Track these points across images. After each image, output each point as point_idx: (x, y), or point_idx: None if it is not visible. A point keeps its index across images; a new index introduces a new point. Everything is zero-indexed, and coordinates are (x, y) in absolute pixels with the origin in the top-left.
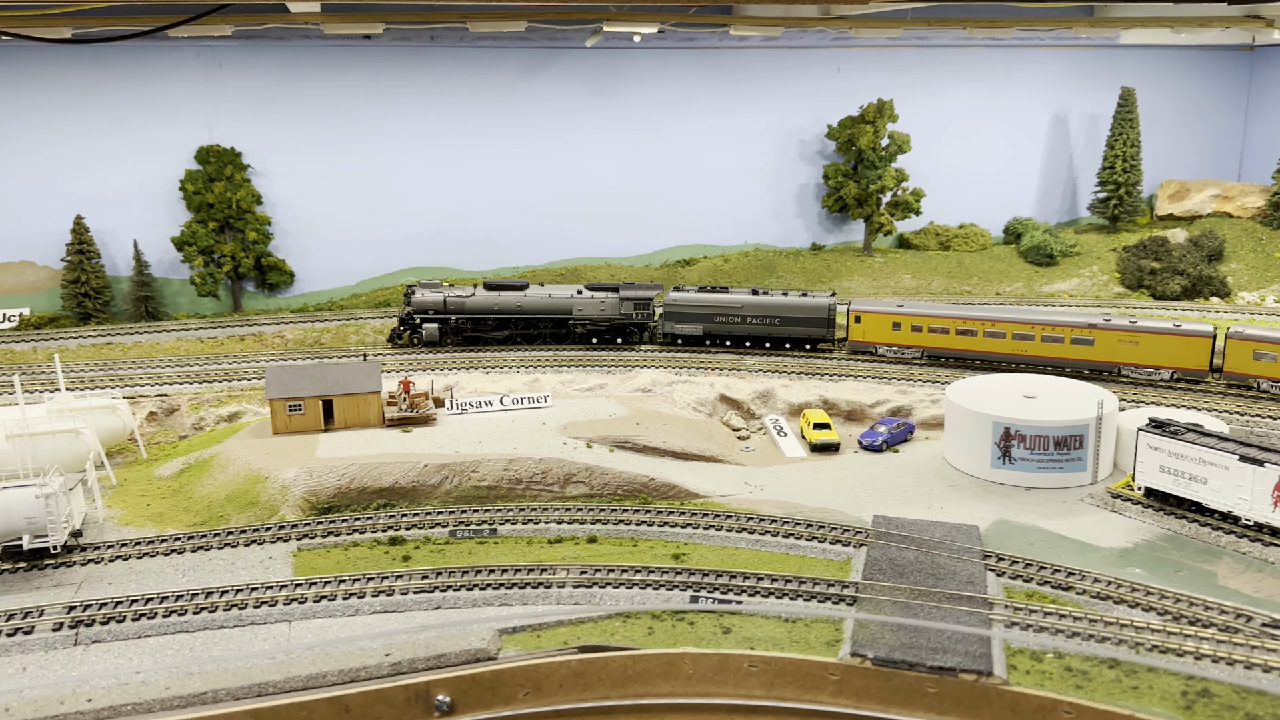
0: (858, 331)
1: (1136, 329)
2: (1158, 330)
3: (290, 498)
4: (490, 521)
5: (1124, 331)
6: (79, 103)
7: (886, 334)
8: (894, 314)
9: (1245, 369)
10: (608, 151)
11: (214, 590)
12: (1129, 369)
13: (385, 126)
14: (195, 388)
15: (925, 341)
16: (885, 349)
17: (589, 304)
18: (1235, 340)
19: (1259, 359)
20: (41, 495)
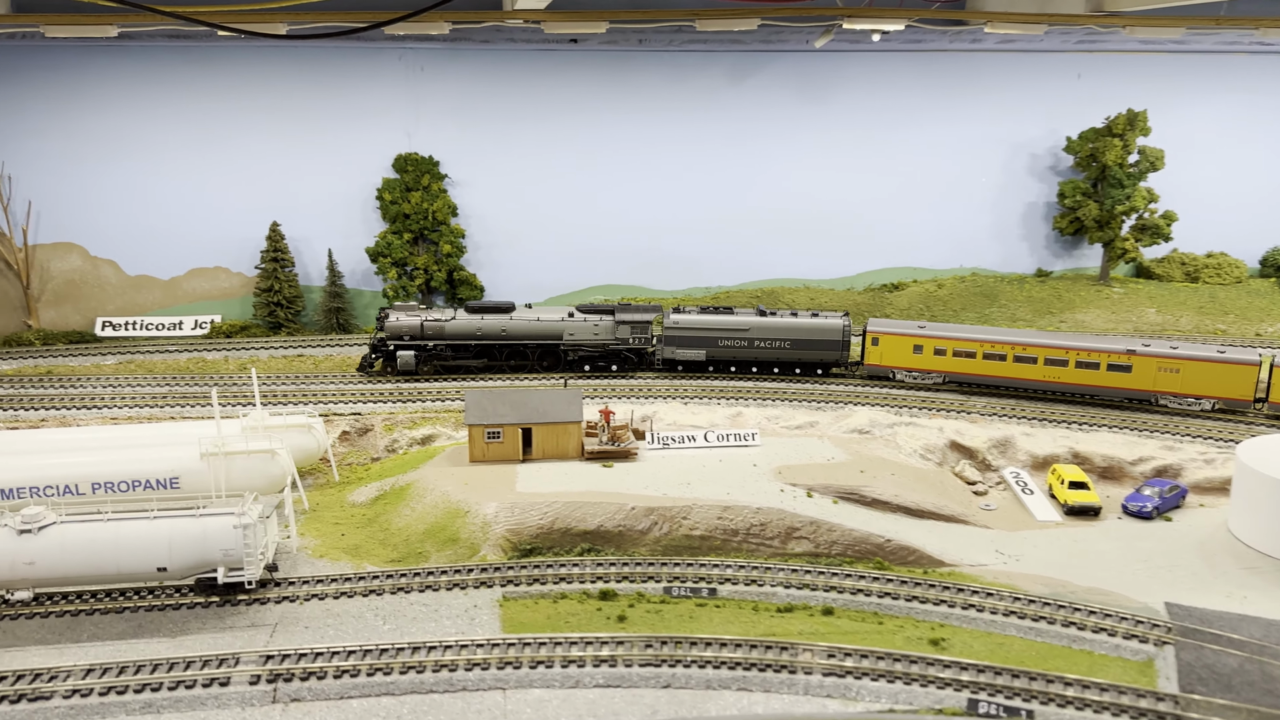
0: (874, 355)
1: (1179, 355)
2: (1202, 358)
3: (491, 536)
4: (708, 579)
5: (1165, 358)
6: (281, 106)
7: (906, 358)
8: (915, 336)
9: None
10: (812, 164)
11: (420, 646)
12: (1167, 398)
13: (583, 136)
14: (389, 407)
15: (949, 366)
16: (904, 374)
17: (582, 328)
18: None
19: None
20: (240, 526)
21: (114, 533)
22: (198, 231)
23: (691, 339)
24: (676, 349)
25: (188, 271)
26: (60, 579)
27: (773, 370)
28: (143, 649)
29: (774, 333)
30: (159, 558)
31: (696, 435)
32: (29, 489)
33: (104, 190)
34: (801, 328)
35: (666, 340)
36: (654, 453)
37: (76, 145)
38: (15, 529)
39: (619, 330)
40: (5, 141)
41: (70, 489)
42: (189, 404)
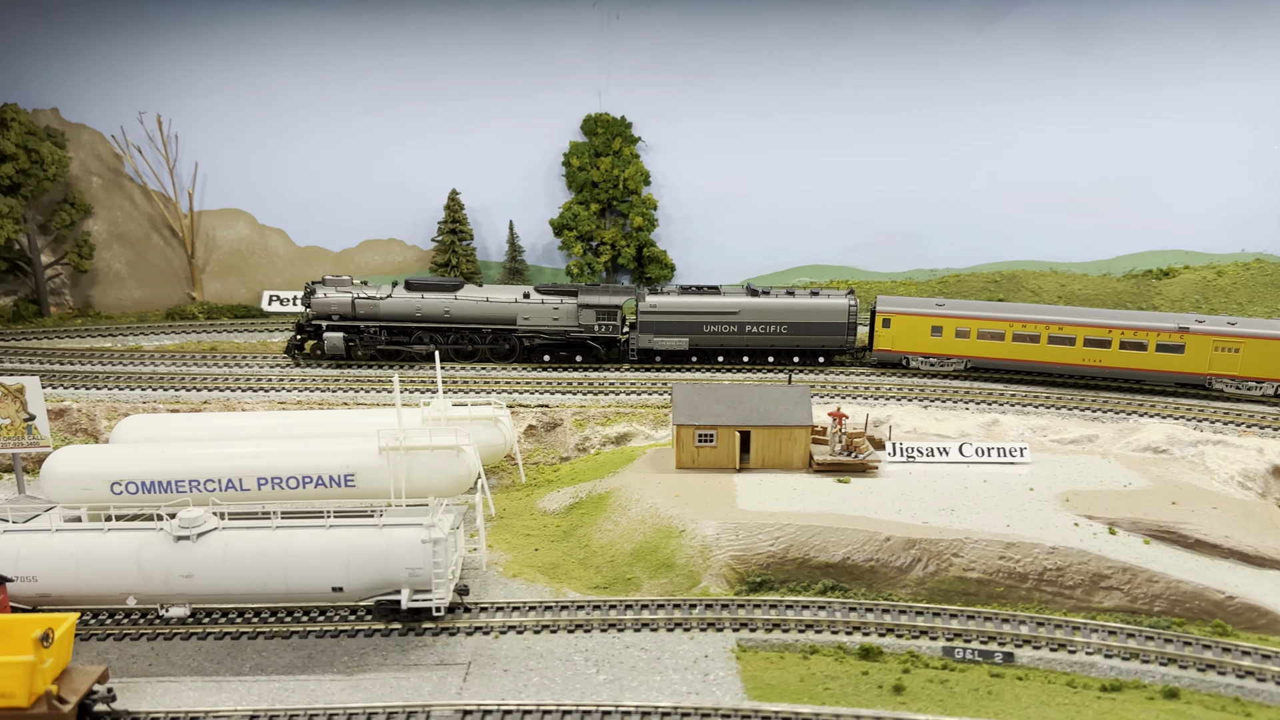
0: (885, 339)
1: (1238, 334)
2: (1266, 335)
3: (713, 563)
4: (1001, 638)
5: (1222, 336)
6: (462, 62)
7: (924, 341)
8: (934, 316)
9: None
10: (1066, 127)
11: (651, 712)
12: (1224, 381)
13: (794, 95)
14: (579, 399)
15: (973, 350)
16: (921, 360)
17: (539, 311)
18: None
19: None
20: (429, 540)
21: (284, 544)
22: (371, 200)
23: (671, 325)
24: (654, 336)
25: (360, 244)
26: (221, 595)
27: (767, 360)
28: (313, 689)
29: (768, 315)
30: (335, 576)
31: (949, 448)
32: (187, 481)
33: (273, 154)
34: (800, 309)
35: (642, 327)
36: (896, 466)
37: (245, 104)
38: (172, 535)
39: (582, 315)
40: (171, 98)
41: (233, 484)
42: (362, 388)
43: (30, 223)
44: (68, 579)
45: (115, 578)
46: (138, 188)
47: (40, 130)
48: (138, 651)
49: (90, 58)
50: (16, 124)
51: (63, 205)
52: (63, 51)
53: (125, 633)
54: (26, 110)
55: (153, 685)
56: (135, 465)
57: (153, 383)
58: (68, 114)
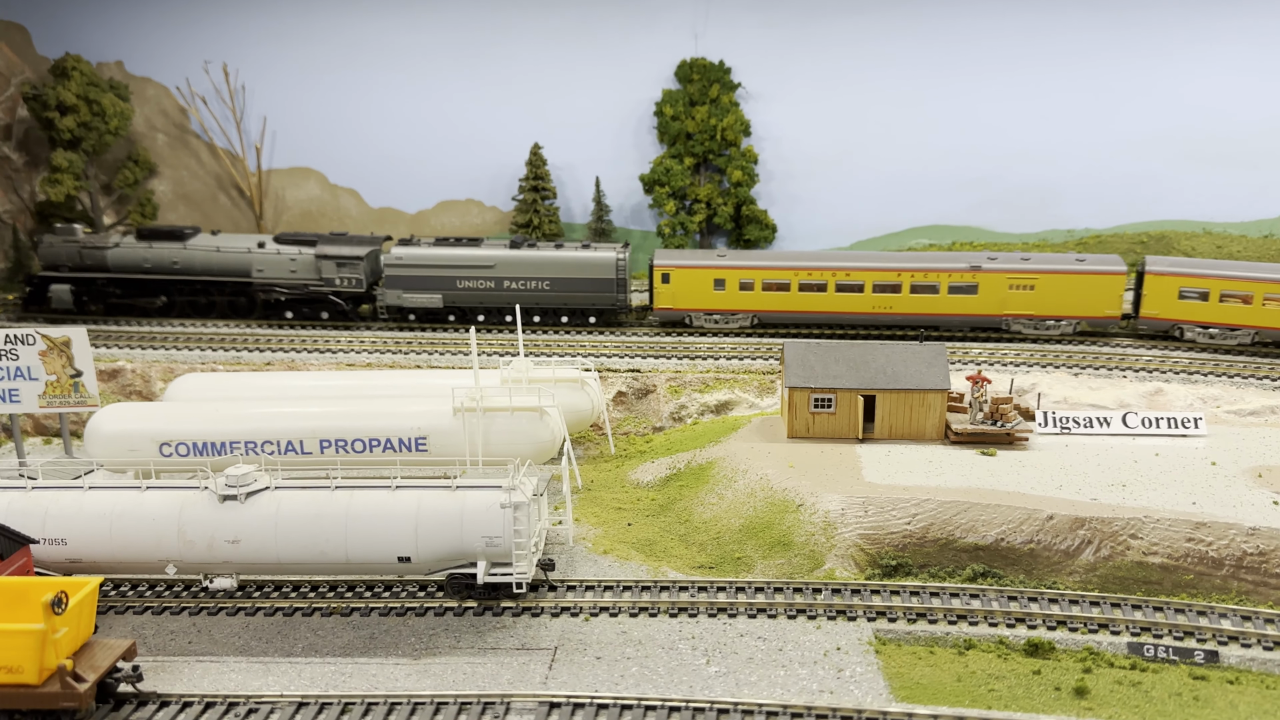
0: (666, 296)
1: (1032, 270)
2: (1059, 270)
3: (838, 543)
4: (1199, 633)
5: (1017, 273)
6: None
7: (706, 297)
8: (716, 268)
9: (1168, 313)
10: (1227, 66)
11: (777, 710)
12: (1021, 321)
13: (913, 34)
14: (674, 364)
15: (758, 304)
16: (705, 317)
17: (274, 263)
18: (1155, 277)
19: (1184, 299)
20: (508, 505)
21: (344, 506)
22: (449, 158)
23: (421, 280)
24: (403, 292)
25: (436, 205)
26: (272, 564)
27: (532, 319)
28: (374, 674)
29: (528, 270)
30: (401, 543)
31: (1109, 418)
32: (243, 443)
33: (346, 107)
34: (563, 263)
35: (389, 281)
36: (1049, 438)
37: (316, 52)
38: (217, 494)
39: (321, 267)
40: (238, 45)
41: (293, 446)
42: (437, 350)
43: (93, 180)
44: (100, 542)
45: (153, 542)
46: (204, 145)
47: (102, 81)
48: (178, 627)
49: (156, 5)
50: (77, 73)
51: (126, 163)
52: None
53: (165, 606)
54: (90, 63)
55: (191, 665)
56: (186, 424)
57: (213, 343)
58: (132, 67)
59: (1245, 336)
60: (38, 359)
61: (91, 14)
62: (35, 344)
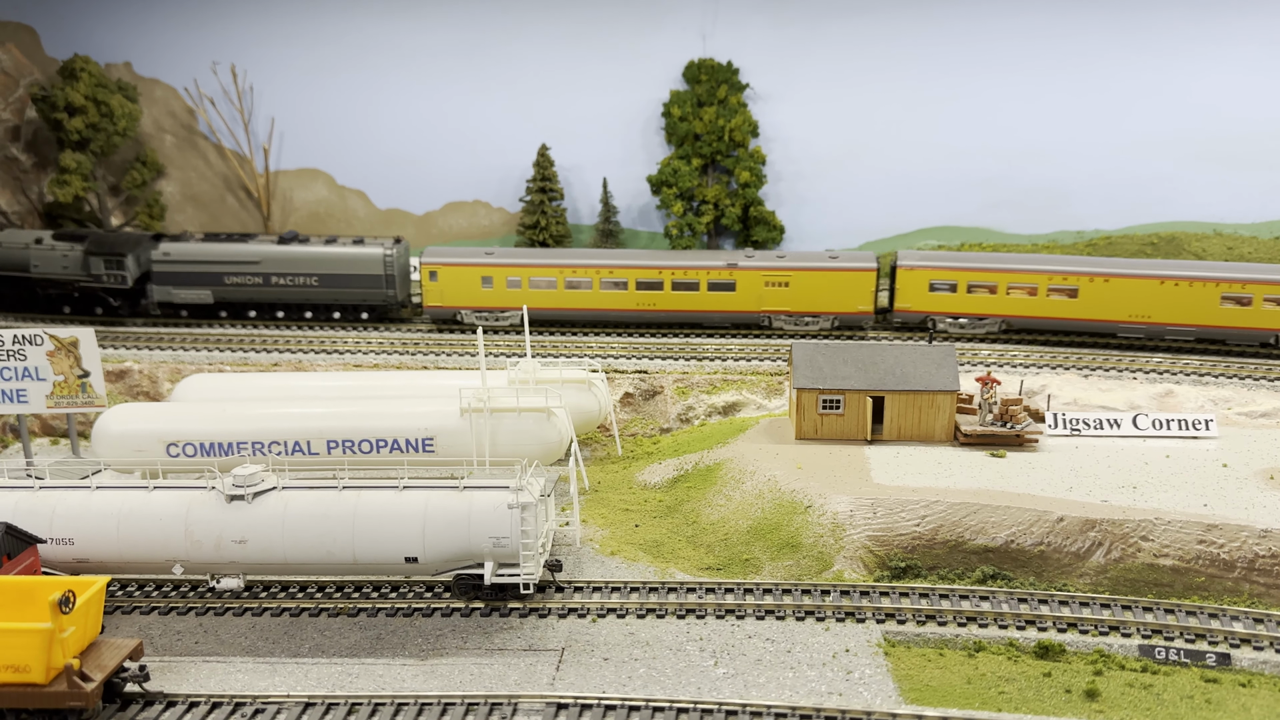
0: (434, 293)
1: (787, 267)
2: (812, 267)
3: (847, 544)
4: (1211, 636)
5: (772, 270)
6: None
7: (475, 294)
8: (483, 265)
9: (920, 305)
10: (1235, 66)
11: (785, 712)
12: (779, 317)
13: (923, 34)
14: (682, 365)
15: (526, 301)
16: (474, 314)
17: (49, 259)
18: (907, 271)
19: (935, 291)
20: (516, 505)
21: (351, 506)
22: (457, 159)
23: (191, 276)
24: (173, 288)
25: (443, 206)
26: (279, 564)
27: (304, 314)
28: (381, 675)
29: (295, 265)
30: (408, 544)
31: (1120, 419)
32: (251, 444)
33: (353, 108)
34: (329, 259)
35: (158, 278)
36: (1059, 440)
37: (324, 53)
38: (224, 494)
39: (90, 263)
40: (246, 47)
41: (300, 446)
42: (443, 351)
43: (101, 181)
44: (107, 542)
45: (160, 542)
46: (212, 147)
47: (111, 82)
48: (184, 627)
49: (165, 6)
50: (86, 74)
51: (134, 164)
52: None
53: (172, 606)
54: (98, 64)
55: (197, 665)
56: (193, 424)
57: (220, 343)
58: (140, 68)
59: (993, 325)
60: (45, 359)
61: (100, 15)
62: (43, 344)
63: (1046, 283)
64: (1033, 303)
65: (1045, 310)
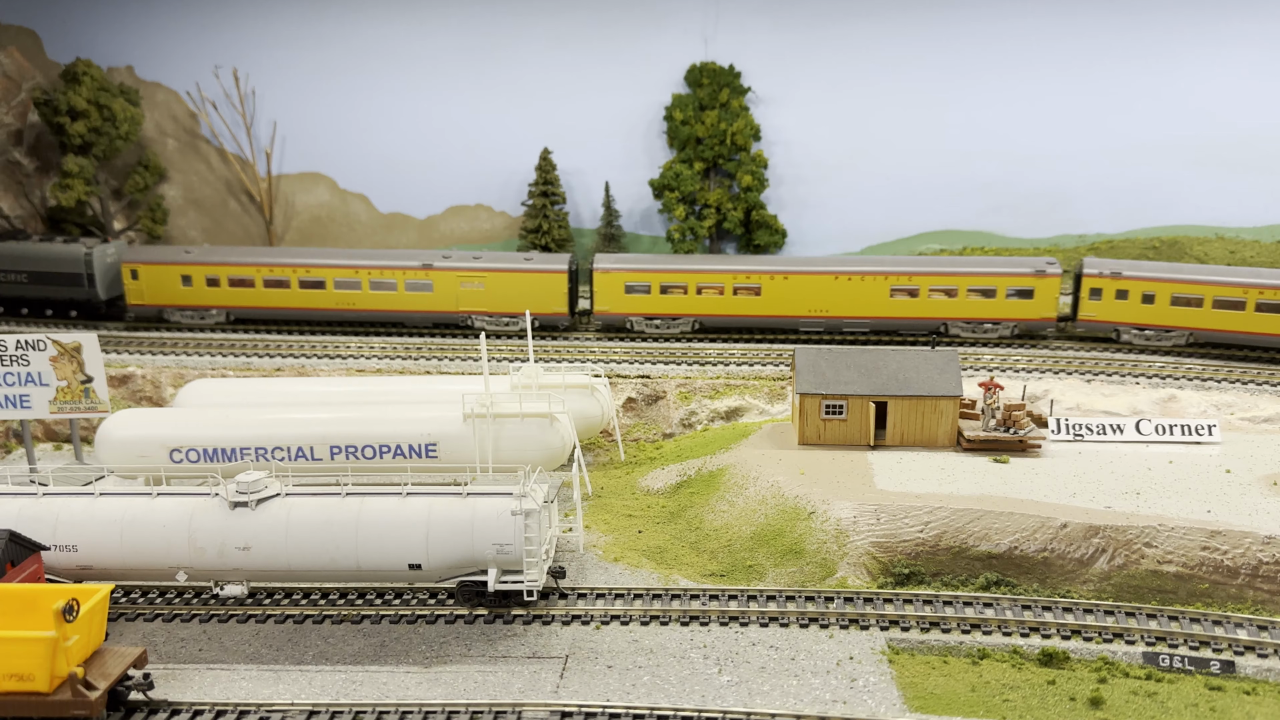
0: (135, 292)
1: (482, 268)
2: (506, 268)
3: (850, 550)
4: (1215, 643)
5: (467, 271)
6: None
7: (175, 293)
8: (182, 264)
9: (618, 307)
10: (1236, 71)
11: None
12: (480, 318)
13: (925, 37)
14: (684, 369)
15: (226, 300)
16: (177, 312)
17: None
18: (603, 274)
19: (630, 293)
20: (519, 512)
21: (355, 513)
22: (459, 163)
23: None
24: None
25: (446, 210)
26: (283, 571)
27: (21, 311)
28: (385, 682)
29: (7, 263)
30: (412, 550)
31: (1123, 424)
32: (254, 449)
33: (355, 112)
34: (36, 256)
35: None
36: (1062, 445)
37: (326, 56)
38: (228, 500)
39: None
40: (248, 51)
41: (304, 452)
42: (446, 356)
43: (103, 186)
44: (111, 549)
45: (163, 549)
46: (214, 150)
47: (113, 86)
48: (188, 634)
49: (167, 10)
50: (88, 78)
51: (136, 168)
52: (140, 4)
53: (175, 613)
54: (101, 68)
55: (201, 672)
56: (197, 430)
57: (222, 348)
58: (143, 72)
59: (686, 324)
60: (48, 365)
61: (102, 19)
62: (46, 350)
63: (732, 282)
64: (721, 302)
65: (733, 309)
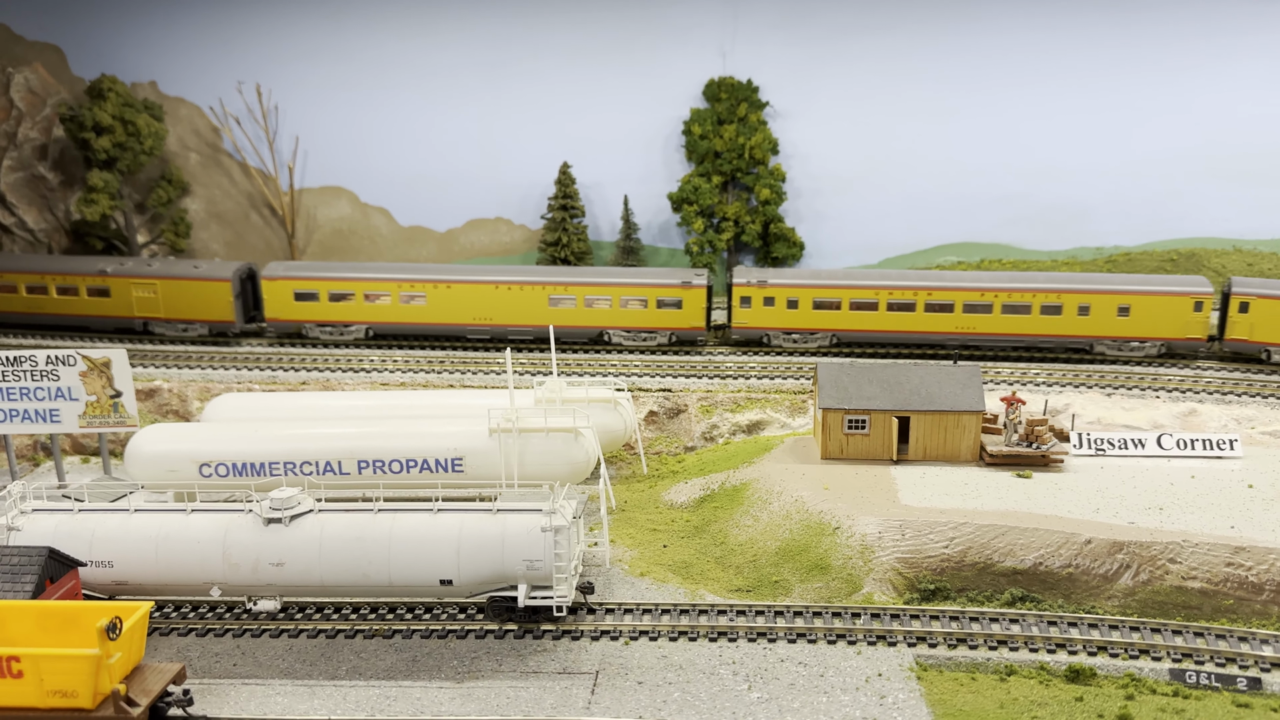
0: None
1: (152, 275)
2: (173, 276)
3: (876, 566)
4: (1242, 660)
5: (140, 279)
6: (576, 24)
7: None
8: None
9: (288, 314)
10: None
11: None
12: (158, 324)
13: (943, 50)
14: (705, 383)
15: None
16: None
17: None
18: (271, 282)
19: (300, 300)
20: (549, 529)
21: (387, 529)
22: (479, 177)
23: None
24: None
25: (465, 223)
26: (316, 587)
27: None
28: (418, 697)
29: None
30: (443, 566)
31: (1144, 439)
32: (282, 464)
33: (377, 126)
34: None
35: None
36: (1084, 460)
37: (348, 71)
38: (262, 517)
39: None
40: (270, 66)
41: (331, 466)
42: (469, 369)
43: (127, 200)
44: (146, 565)
45: (198, 564)
46: (236, 164)
47: (137, 102)
48: (221, 649)
49: (190, 26)
50: (114, 94)
51: (159, 182)
52: (163, 20)
53: (209, 628)
54: (125, 83)
55: (236, 687)
56: (226, 445)
57: (248, 362)
58: (166, 87)
59: (359, 331)
60: (78, 379)
61: (126, 35)
62: (76, 365)
63: (398, 290)
64: (390, 309)
65: (401, 316)
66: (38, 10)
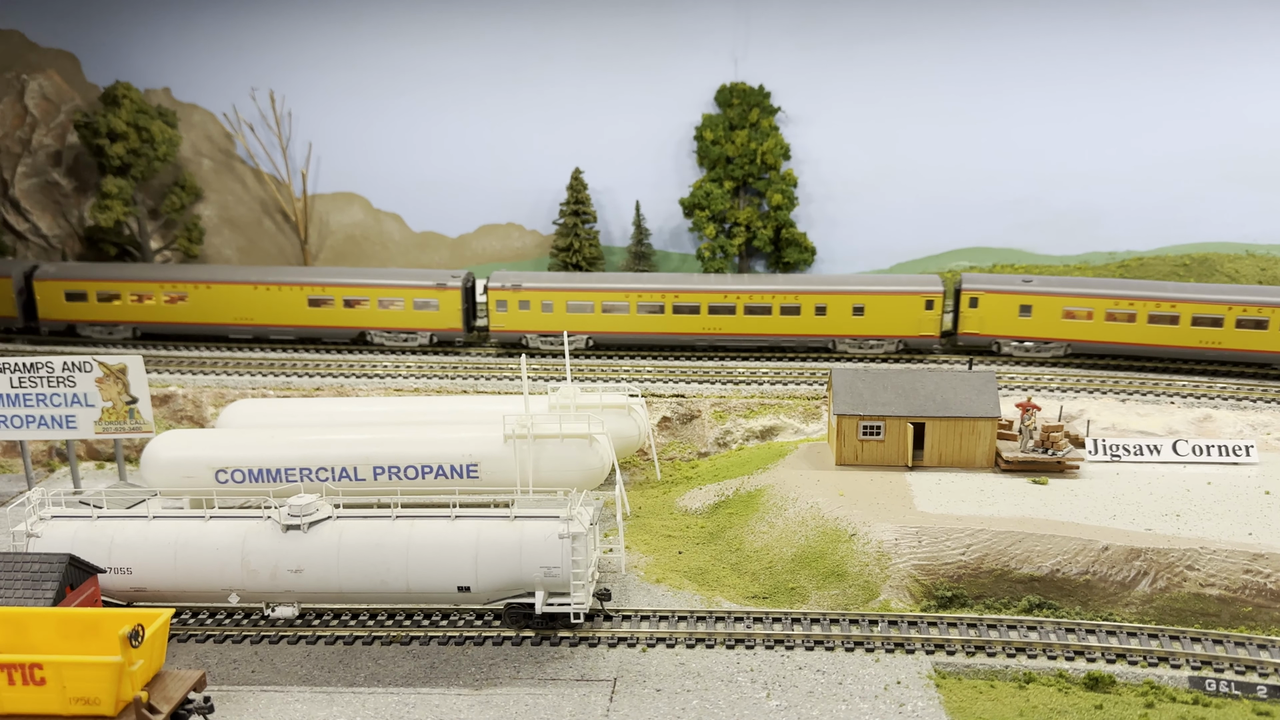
0: None
1: None
2: None
3: (893, 573)
4: (1261, 668)
5: None
6: (588, 30)
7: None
8: None
9: (62, 314)
10: (1262, 87)
11: None
12: None
13: (954, 55)
14: (719, 388)
15: None
16: None
17: None
18: (41, 283)
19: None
20: (566, 535)
21: (405, 536)
22: (491, 183)
23: None
24: None
25: (478, 229)
26: (334, 593)
27: None
28: (437, 704)
29: None
30: (461, 573)
31: (1159, 445)
32: (298, 470)
33: (389, 133)
34: None
35: None
36: (1100, 466)
37: (360, 78)
38: (280, 524)
39: None
40: (283, 72)
41: (347, 472)
42: (483, 375)
43: (140, 206)
44: (165, 572)
45: (217, 571)
46: (249, 170)
47: (151, 109)
48: (240, 655)
49: (204, 32)
50: (128, 101)
51: (173, 189)
52: (177, 27)
53: (227, 634)
54: (139, 90)
55: (255, 694)
56: (242, 451)
57: (262, 368)
58: (179, 94)
59: (126, 331)
60: (94, 386)
61: (140, 42)
62: (92, 371)
63: (161, 291)
64: (154, 309)
65: (165, 316)
66: (52, 17)
